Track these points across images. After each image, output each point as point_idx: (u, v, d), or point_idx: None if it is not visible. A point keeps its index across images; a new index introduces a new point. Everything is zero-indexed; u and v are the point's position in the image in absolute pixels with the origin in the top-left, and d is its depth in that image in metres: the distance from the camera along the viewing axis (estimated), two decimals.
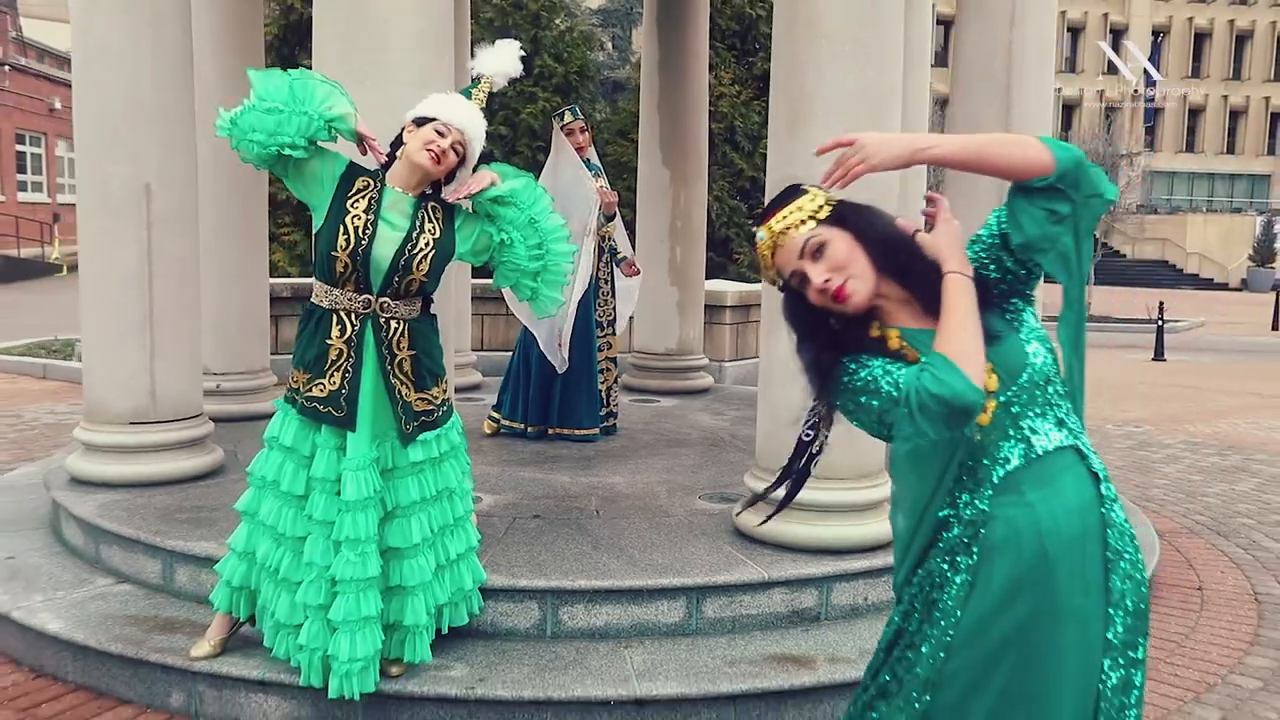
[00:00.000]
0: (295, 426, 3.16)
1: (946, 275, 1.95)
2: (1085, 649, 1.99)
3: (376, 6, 3.67)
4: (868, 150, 1.95)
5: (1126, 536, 2.04)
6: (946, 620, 2.03)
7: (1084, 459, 2.04)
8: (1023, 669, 1.99)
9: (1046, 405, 2.02)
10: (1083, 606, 1.98)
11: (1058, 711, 1.99)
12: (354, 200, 3.06)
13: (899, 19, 3.90)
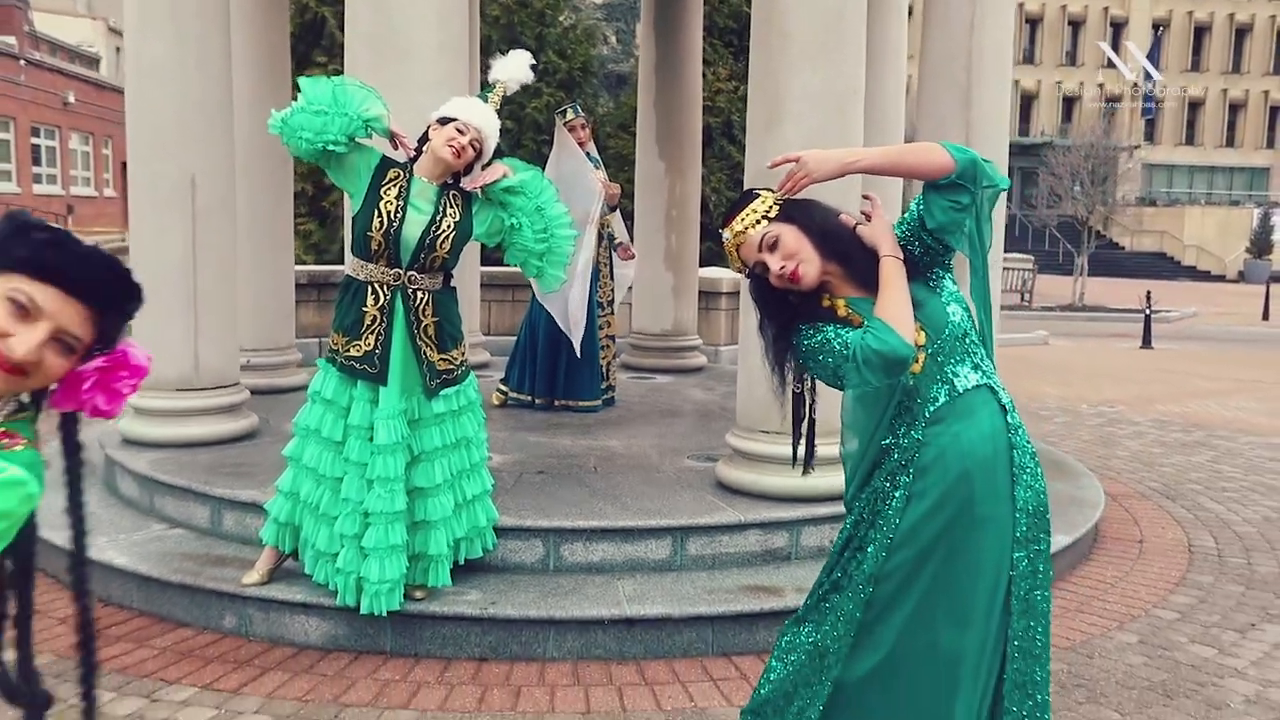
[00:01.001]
0: (335, 382, 3.70)
1: (883, 258, 2.50)
2: (998, 545, 2.53)
3: (401, 22, 4.19)
4: (809, 166, 2.50)
5: (1028, 455, 2.58)
6: (888, 526, 2.57)
7: (995, 395, 2.58)
8: (948, 563, 2.53)
9: (964, 353, 2.55)
10: (995, 512, 2.52)
11: (973, 595, 2.53)
12: (386, 188, 3.59)
13: (861, 28, 4.41)
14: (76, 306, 1.33)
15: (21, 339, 1.29)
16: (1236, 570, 5.05)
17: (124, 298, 1.40)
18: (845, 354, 2.38)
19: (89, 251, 1.36)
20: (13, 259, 1.31)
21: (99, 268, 1.35)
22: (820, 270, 2.53)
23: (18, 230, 1.34)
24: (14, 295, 1.29)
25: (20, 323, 1.29)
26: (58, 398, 1.40)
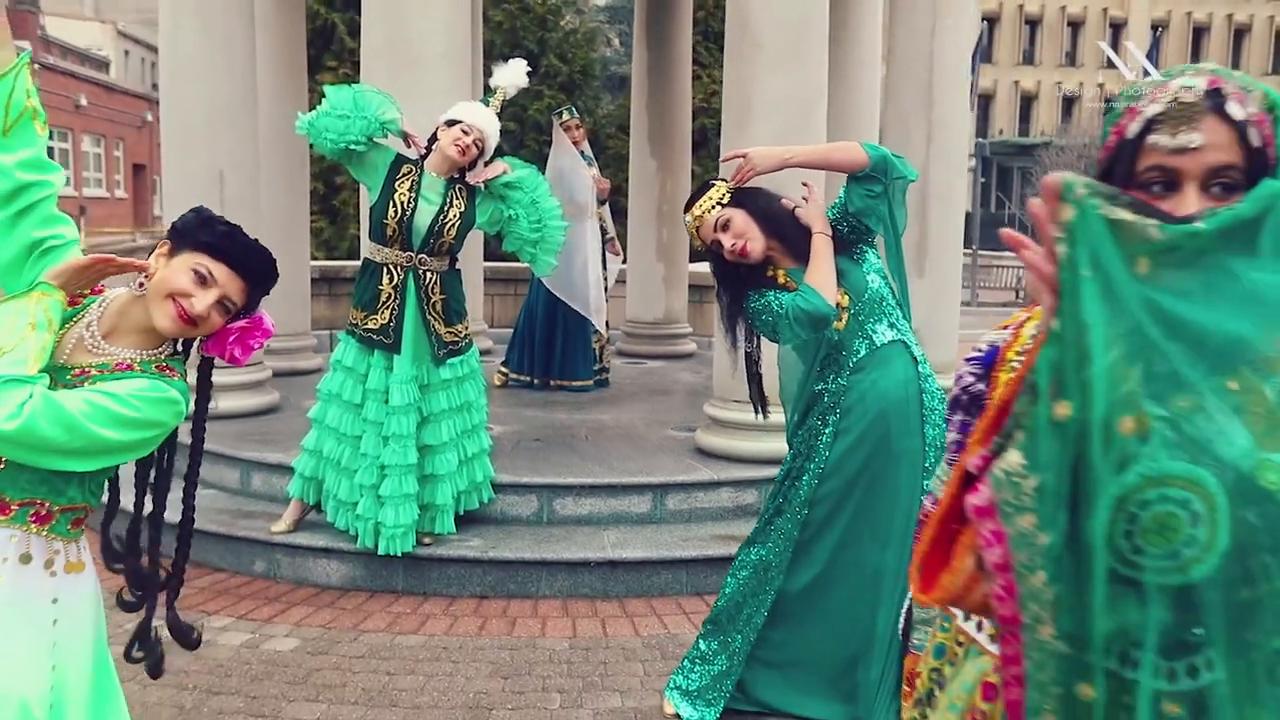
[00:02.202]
0: (354, 352, 4.21)
1: (815, 235, 3.02)
2: (912, 474, 3.04)
3: (412, 34, 4.71)
4: (755, 161, 3.05)
5: (936, 399, 3.09)
6: (819, 458, 3.09)
7: (908, 349, 3.09)
8: (870, 490, 3.05)
9: (881, 314, 3.07)
10: (909, 446, 3.03)
11: (892, 519, 3.04)
12: (400, 182, 4.11)
13: (823, 40, 4.92)
14: (239, 281, 1.84)
15: (200, 299, 1.80)
16: None
17: (269, 278, 1.91)
18: (780, 313, 2.90)
19: (251, 242, 1.87)
20: (199, 242, 1.82)
21: (257, 255, 1.86)
22: (764, 246, 3.06)
23: (203, 223, 1.85)
24: (197, 267, 1.80)
25: (200, 288, 1.80)
26: (209, 345, 1.91)
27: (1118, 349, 1.03)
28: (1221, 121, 1.17)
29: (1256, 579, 1.08)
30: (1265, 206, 1.10)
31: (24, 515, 1.83)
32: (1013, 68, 48.90)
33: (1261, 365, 1.10)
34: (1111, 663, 1.08)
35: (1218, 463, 1.06)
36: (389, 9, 4.76)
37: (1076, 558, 1.04)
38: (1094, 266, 1.02)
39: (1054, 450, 1.04)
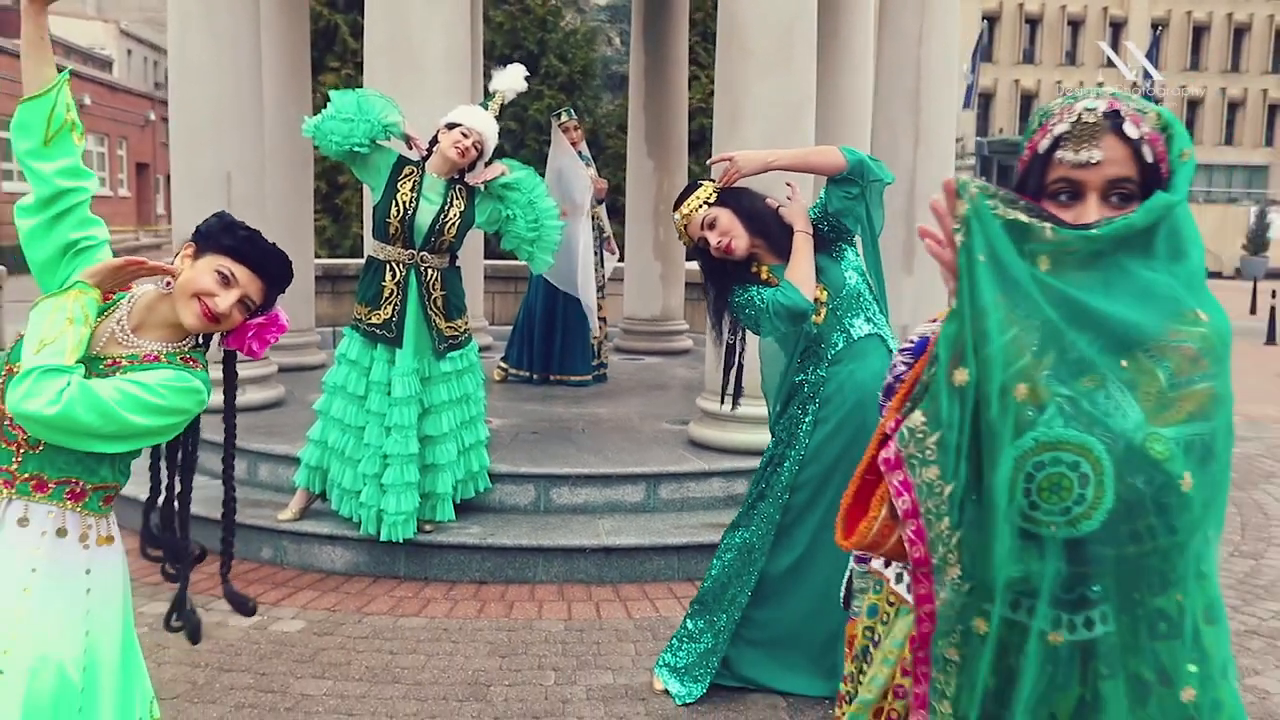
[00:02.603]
0: (358, 346, 4.38)
1: (796, 233, 3.19)
2: None
3: (415, 40, 4.87)
4: (739, 164, 3.21)
5: None
6: (800, 445, 3.25)
7: (884, 341, 3.26)
8: (848, 477, 3.20)
9: (858, 309, 3.24)
10: None
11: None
12: (403, 182, 4.27)
13: (810, 47, 5.07)
14: (258, 282, 2.01)
15: (223, 298, 1.97)
16: None
17: (286, 279, 2.07)
18: (761, 307, 3.07)
19: (270, 246, 2.04)
20: (222, 245, 1.98)
21: (275, 258, 2.03)
22: (749, 244, 3.23)
23: (226, 228, 2.02)
24: (221, 269, 1.97)
25: (223, 288, 1.97)
26: (229, 340, 2.08)
27: (1013, 331, 1.20)
28: (1119, 140, 1.34)
29: (1142, 538, 1.25)
30: (1157, 216, 1.28)
31: (60, 493, 2.00)
32: (1013, 66, 48.98)
33: (1155, 352, 1.28)
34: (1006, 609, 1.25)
35: (1110, 434, 1.23)
36: (391, 15, 4.93)
37: (981, 510, 1.22)
38: (988, 254, 1.20)
39: (953, 411, 1.21)
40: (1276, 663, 3.86)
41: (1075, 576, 1.27)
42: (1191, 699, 1.30)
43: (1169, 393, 1.26)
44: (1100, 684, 1.29)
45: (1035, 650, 1.28)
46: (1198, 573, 1.31)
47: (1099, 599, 1.28)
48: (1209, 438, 1.27)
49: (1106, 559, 1.25)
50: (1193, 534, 1.27)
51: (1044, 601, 1.25)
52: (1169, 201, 1.29)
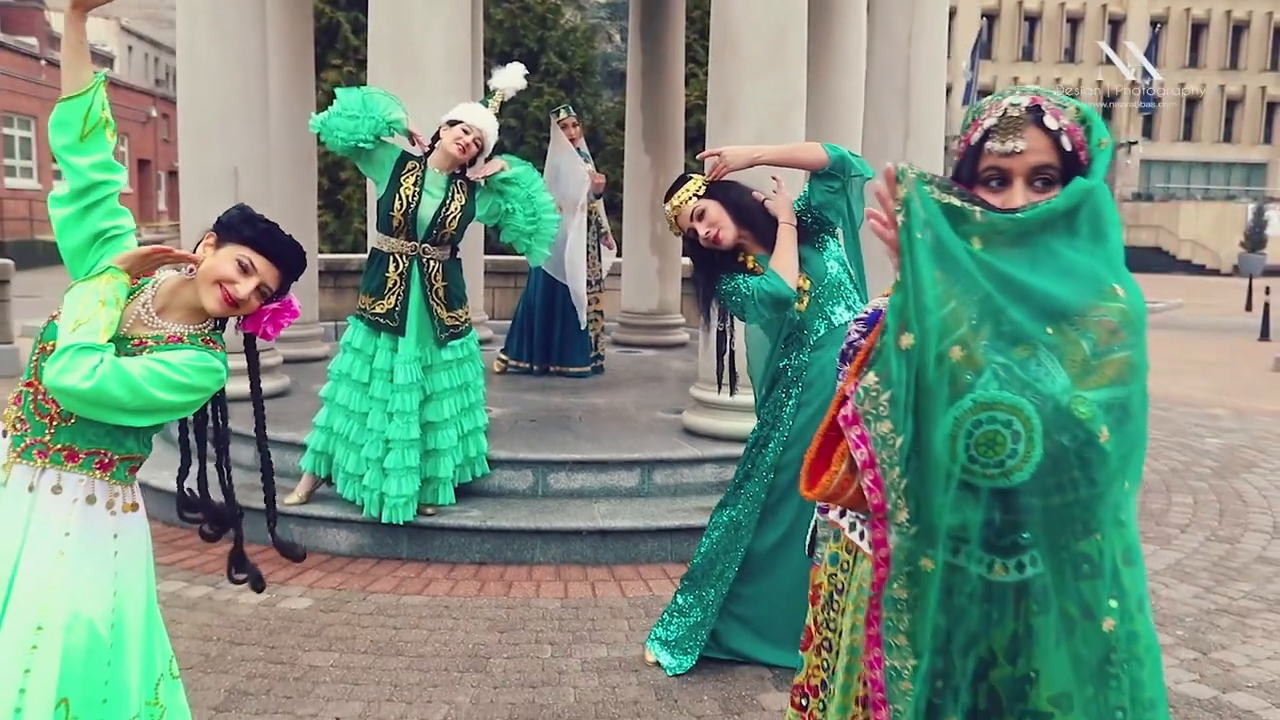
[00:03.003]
0: (363, 334, 4.54)
1: (781, 225, 3.35)
2: None
3: (417, 37, 5.03)
4: (726, 159, 3.37)
5: None
6: (784, 427, 3.42)
7: None
8: None
9: (839, 297, 3.40)
10: None
11: None
12: (405, 177, 4.43)
13: (801, 48, 5.22)
14: (275, 271, 2.17)
15: (242, 286, 2.12)
16: None
17: (300, 268, 2.23)
18: (747, 294, 3.23)
19: (286, 238, 2.20)
20: (243, 236, 2.14)
21: (291, 248, 2.19)
22: (735, 234, 3.39)
23: (246, 220, 2.18)
24: (241, 258, 2.13)
25: (243, 276, 2.13)
26: (246, 324, 2.24)
27: (952, 304, 1.37)
28: (1041, 131, 1.51)
29: (1066, 489, 1.42)
30: (1076, 200, 1.45)
31: (90, 463, 2.16)
32: (1012, 64, 49.08)
33: (1079, 324, 1.45)
34: (947, 554, 1.42)
35: (1040, 396, 1.40)
36: (394, 15, 5.09)
37: (924, 463, 1.38)
38: (925, 232, 1.36)
39: (901, 371, 1.38)
40: (1243, 639, 4.02)
41: (1007, 525, 1.43)
42: (1111, 629, 1.46)
43: (1092, 360, 1.42)
44: (1032, 619, 1.45)
45: (975, 590, 1.45)
46: (1116, 520, 1.47)
47: (1029, 545, 1.44)
48: (1126, 400, 1.43)
49: (1035, 509, 1.42)
50: (1111, 485, 1.43)
51: (976, 545, 1.42)
52: (1087, 186, 1.45)
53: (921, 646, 1.48)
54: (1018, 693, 1.46)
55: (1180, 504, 5.98)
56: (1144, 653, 1.50)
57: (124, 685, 2.20)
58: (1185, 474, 6.72)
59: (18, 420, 2.15)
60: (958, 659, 1.47)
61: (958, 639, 1.46)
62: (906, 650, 1.49)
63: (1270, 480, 6.58)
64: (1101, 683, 1.46)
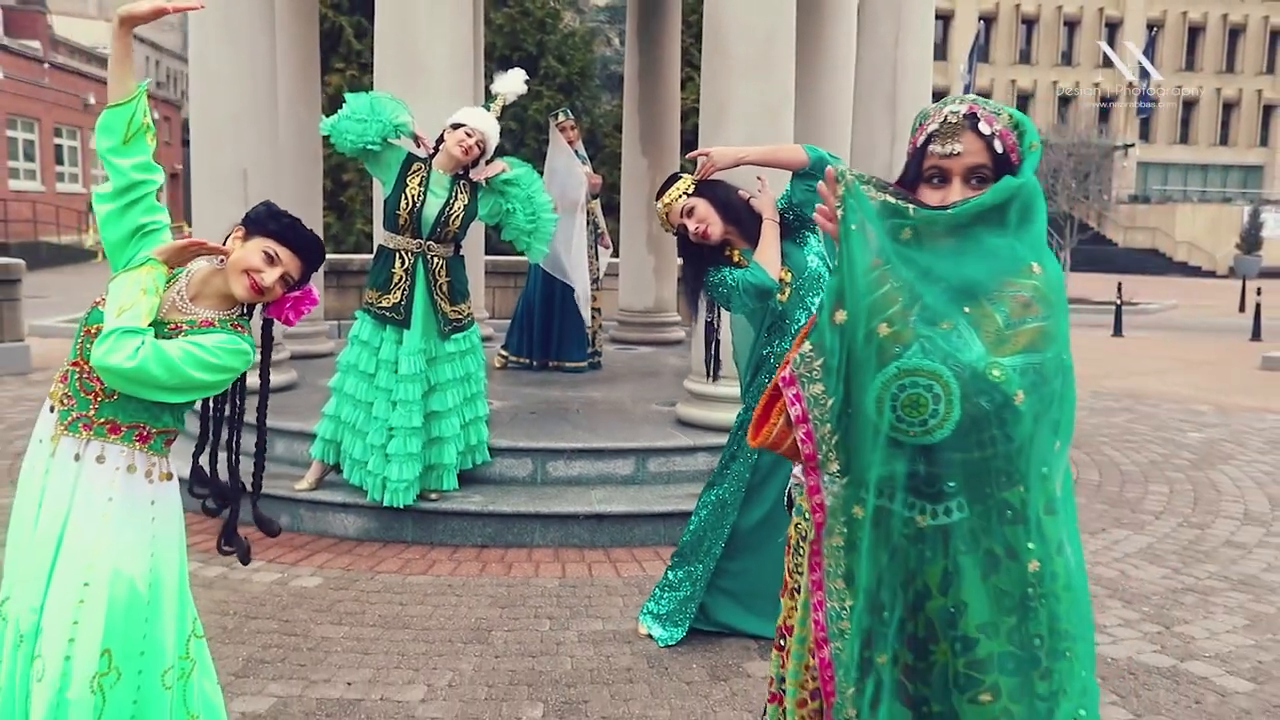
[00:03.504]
0: (369, 327, 4.76)
1: (764, 221, 3.57)
2: None
3: (422, 44, 5.25)
4: (714, 158, 3.59)
5: None
6: None
7: None
8: None
9: (819, 289, 3.63)
10: None
11: None
12: (411, 177, 4.66)
13: (789, 52, 5.45)
14: (298, 262, 2.39)
15: (269, 275, 2.34)
16: (1109, 495, 6.10)
17: (320, 259, 2.45)
18: (732, 285, 3.45)
19: (308, 232, 2.41)
20: (269, 230, 2.36)
21: (312, 242, 2.41)
22: (722, 230, 3.61)
23: (272, 215, 2.40)
24: (267, 250, 2.35)
25: (269, 266, 2.35)
26: (270, 309, 2.46)
27: (885, 287, 1.59)
28: (976, 135, 1.73)
29: (986, 445, 1.64)
30: (1005, 196, 1.67)
31: (130, 435, 2.38)
32: (1009, 67, 49.35)
33: (994, 299, 1.67)
34: (876, 499, 1.64)
35: (959, 364, 1.62)
36: (399, 23, 5.31)
37: (855, 421, 1.61)
38: (860, 225, 1.59)
39: (834, 342, 1.61)
40: (1205, 614, 4.24)
41: (932, 475, 1.65)
42: (1035, 569, 1.68)
43: (1005, 331, 1.64)
44: (960, 558, 1.67)
45: (908, 533, 1.67)
46: (1039, 474, 1.69)
47: (954, 493, 1.66)
48: (1040, 365, 1.65)
49: (956, 462, 1.64)
50: (1030, 441, 1.65)
51: (903, 492, 1.64)
52: (1015, 183, 1.68)
53: (858, 588, 1.70)
54: (949, 621, 1.68)
55: (1156, 493, 6.20)
56: (1062, 590, 1.72)
57: (160, 639, 2.42)
58: (1164, 465, 6.94)
59: (65, 396, 2.37)
60: (899, 591, 1.69)
61: (898, 575, 1.69)
62: (845, 593, 1.71)
63: (1245, 471, 6.81)
64: (1022, 614, 1.68)
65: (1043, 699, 1.71)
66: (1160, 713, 3.36)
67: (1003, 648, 1.68)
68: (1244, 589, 4.55)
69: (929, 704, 1.72)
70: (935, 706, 1.73)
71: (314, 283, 2.58)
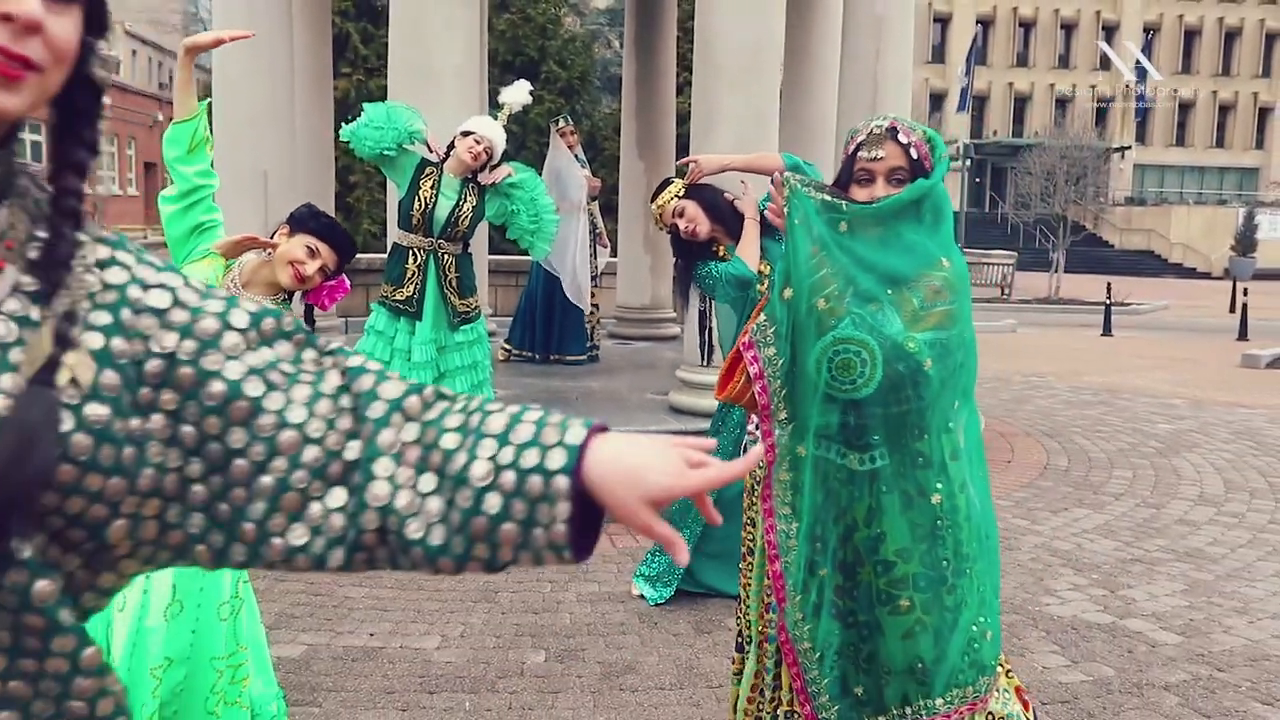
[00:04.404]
0: (384, 318, 5.17)
1: (746, 220, 3.99)
2: None
3: (434, 55, 5.66)
4: (701, 165, 4.00)
5: None
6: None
7: None
8: None
9: None
10: None
11: None
12: (424, 180, 5.07)
13: (775, 63, 5.87)
14: (334, 255, 2.79)
15: (310, 266, 2.75)
16: (1074, 479, 6.51)
17: (352, 254, 2.85)
18: (717, 277, 3.86)
19: (343, 230, 2.82)
20: (309, 227, 2.76)
21: (347, 238, 2.81)
22: (710, 228, 4.02)
23: (312, 215, 2.80)
24: (309, 244, 2.75)
25: (310, 259, 2.75)
26: (309, 296, 2.86)
27: (823, 270, 2.00)
28: (896, 144, 2.14)
29: (902, 401, 2.05)
30: (919, 194, 2.08)
31: None
32: (1007, 69, 49.74)
33: (913, 286, 2.07)
34: (814, 447, 2.05)
35: (882, 336, 2.03)
36: (413, 37, 5.72)
37: (799, 379, 2.01)
38: (802, 219, 2.00)
39: (783, 314, 2.01)
40: (1149, 581, 4.65)
41: (860, 427, 2.06)
42: (939, 503, 2.09)
43: (920, 312, 2.05)
44: (881, 497, 2.08)
45: (841, 476, 2.07)
46: (945, 428, 2.10)
47: (877, 444, 2.07)
48: (946, 340, 2.06)
49: (878, 415, 2.05)
50: (936, 401, 2.06)
51: (837, 441, 2.05)
52: (926, 184, 2.09)
53: (801, 513, 2.11)
54: (872, 548, 2.09)
55: (1120, 477, 6.60)
56: (964, 520, 2.12)
57: (216, 578, 2.82)
58: (1130, 453, 7.34)
59: None
60: (832, 525, 2.10)
61: (831, 512, 2.09)
62: (791, 516, 2.12)
63: (1207, 459, 7.21)
64: (932, 541, 2.09)
65: (949, 610, 2.11)
66: (1095, 660, 3.77)
67: (916, 569, 2.09)
68: (1188, 560, 4.96)
69: (856, 615, 2.13)
70: (862, 617, 2.13)
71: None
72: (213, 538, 0.92)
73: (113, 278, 0.95)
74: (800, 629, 2.11)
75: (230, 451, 0.90)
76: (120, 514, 0.89)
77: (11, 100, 0.86)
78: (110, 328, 0.91)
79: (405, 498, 0.90)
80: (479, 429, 0.91)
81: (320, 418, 0.91)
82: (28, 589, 0.85)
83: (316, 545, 0.91)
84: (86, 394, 0.86)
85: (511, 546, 0.89)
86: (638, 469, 0.88)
